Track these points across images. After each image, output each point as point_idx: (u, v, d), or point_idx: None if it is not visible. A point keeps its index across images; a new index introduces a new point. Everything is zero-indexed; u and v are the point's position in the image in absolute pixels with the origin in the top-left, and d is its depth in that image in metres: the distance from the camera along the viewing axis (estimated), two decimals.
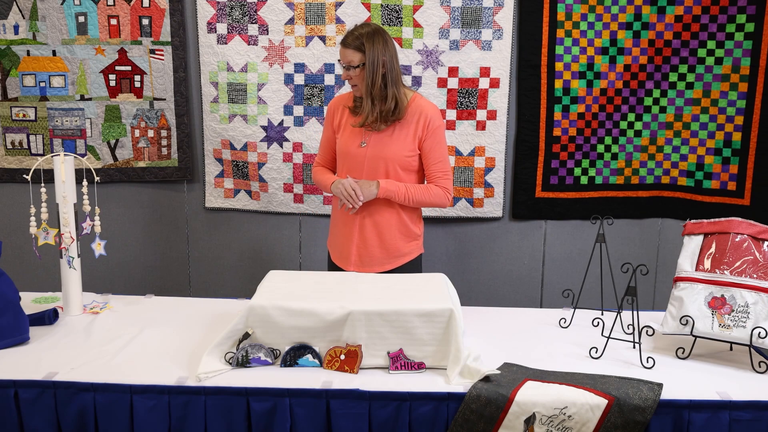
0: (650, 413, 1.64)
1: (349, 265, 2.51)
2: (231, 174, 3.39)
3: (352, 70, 2.37)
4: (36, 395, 1.73)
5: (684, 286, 1.98)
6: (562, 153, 3.33)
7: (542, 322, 2.24)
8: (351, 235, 2.50)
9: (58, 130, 3.32)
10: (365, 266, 2.49)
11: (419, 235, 2.58)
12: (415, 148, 2.43)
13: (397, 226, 2.49)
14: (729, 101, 3.18)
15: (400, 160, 2.42)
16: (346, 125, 2.50)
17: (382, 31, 2.40)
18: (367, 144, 2.44)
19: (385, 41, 2.38)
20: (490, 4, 3.17)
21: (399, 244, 2.50)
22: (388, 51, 2.38)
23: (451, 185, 2.48)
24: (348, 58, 2.37)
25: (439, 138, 2.45)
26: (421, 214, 2.60)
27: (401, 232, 2.50)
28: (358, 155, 2.45)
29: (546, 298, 3.49)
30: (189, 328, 2.12)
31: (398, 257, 2.51)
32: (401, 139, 2.42)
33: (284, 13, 3.19)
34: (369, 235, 2.48)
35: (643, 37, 3.22)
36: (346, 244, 2.52)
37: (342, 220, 2.52)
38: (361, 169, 2.45)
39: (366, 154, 2.44)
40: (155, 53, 3.26)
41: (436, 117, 2.44)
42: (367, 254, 2.49)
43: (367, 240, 2.48)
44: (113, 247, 3.22)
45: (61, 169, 2.18)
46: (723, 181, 3.25)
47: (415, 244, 2.56)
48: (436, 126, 2.43)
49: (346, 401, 1.70)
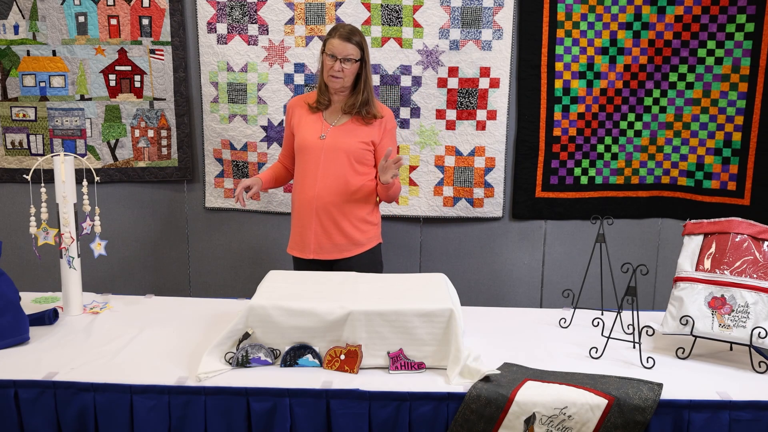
0: (650, 413, 1.64)
1: (309, 252, 2.62)
2: (231, 174, 3.39)
3: (347, 63, 2.51)
4: (36, 395, 1.73)
5: (684, 286, 1.98)
6: (562, 153, 3.33)
7: (542, 322, 2.25)
8: (310, 225, 2.60)
9: (58, 130, 3.32)
10: (323, 254, 2.60)
11: (376, 225, 2.70)
12: (369, 143, 2.59)
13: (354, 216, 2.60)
14: (729, 101, 3.18)
15: (356, 152, 2.56)
16: (305, 121, 2.64)
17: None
18: (325, 137, 2.57)
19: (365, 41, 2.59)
20: (490, 4, 3.17)
21: (355, 233, 2.61)
22: (366, 50, 2.57)
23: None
24: (348, 52, 2.50)
25: (393, 137, 2.69)
26: (377, 206, 2.71)
27: (358, 221, 2.61)
28: (316, 147, 2.57)
29: (546, 298, 3.49)
30: (189, 328, 2.12)
31: (355, 246, 2.62)
32: (358, 133, 2.58)
33: (284, 13, 3.19)
34: (326, 224, 2.58)
35: (643, 37, 3.22)
36: (306, 233, 2.62)
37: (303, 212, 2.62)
38: (318, 161, 2.57)
39: (323, 146, 2.56)
40: (155, 53, 3.26)
41: (391, 118, 2.67)
42: (327, 242, 2.60)
43: (326, 228, 2.58)
44: (113, 247, 3.21)
45: (61, 169, 2.18)
46: (723, 181, 3.25)
47: (372, 233, 2.67)
48: (392, 126, 2.68)
49: (346, 401, 1.70)
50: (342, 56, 2.50)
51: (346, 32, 2.52)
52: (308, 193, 2.59)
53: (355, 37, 2.52)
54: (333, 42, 2.51)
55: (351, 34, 2.52)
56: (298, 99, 2.73)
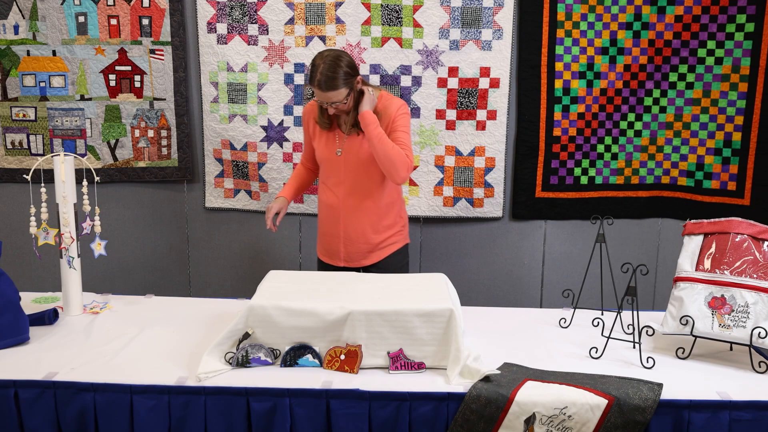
0: (650, 413, 1.64)
1: (339, 260, 2.62)
2: (231, 174, 3.39)
3: (340, 104, 2.39)
4: (36, 395, 1.73)
5: (684, 286, 1.98)
6: (562, 153, 3.32)
7: (542, 322, 2.25)
8: (337, 231, 2.58)
9: (58, 130, 3.32)
10: (352, 260, 2.60)
11: (404, 227, 2.67)
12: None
13: (380, 220, 2.57)
14: (729, 101, 3.18)
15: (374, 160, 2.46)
16: (321, 134, 2.58)
17: (341, 55, 2.38)
18: (341, 152, 2.53)
19: (348, 61, 2.38)
20: (490, 4, 3.17)
21: (383, 236, 2.59)
22: (354, 72, 2.40)
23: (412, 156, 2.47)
24: (333, 99, 2.37)
25: (403, 122, 2.48)
26: (404, 206, 2.69)
27: (385, 225, 2.58)
28: (336, 161, 2.54)
29: (546, 298, 3.49)
30: (189, 328, 2.12)
31: (384, 248, 2.59)
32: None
33: (284, 13, 3.18)
34: (353, 231, 2.56)
35: (643, 37, 3.22)
36: (334, 240, 2.61)
37: (330, 218, 2.60)
38: (339, 173, 2.54)
39: (341, 161, 2.53)
40: (155, 53, 3.26)
41: (400, 106, 2.49)
42: (354, 249, 2.58)
43: (352, 235, 2.57)
44: (113, 247, 3.21)
45: (61, 169, 2.18)
46: (723, 181, 3.25)
47: (401, 235, 2.65)
48: (400, 113, 2.48)
49: (346, 401, 1.70)
50: (328, 103, 2.39)
51: (324, 82, 2.33)
52: (333, 203, 2.57)
53: (333, 83, 2.33)
54: (315, 90, 2.38)
55: (328, 83, 2.33)
56: (310, 107, 2.62)
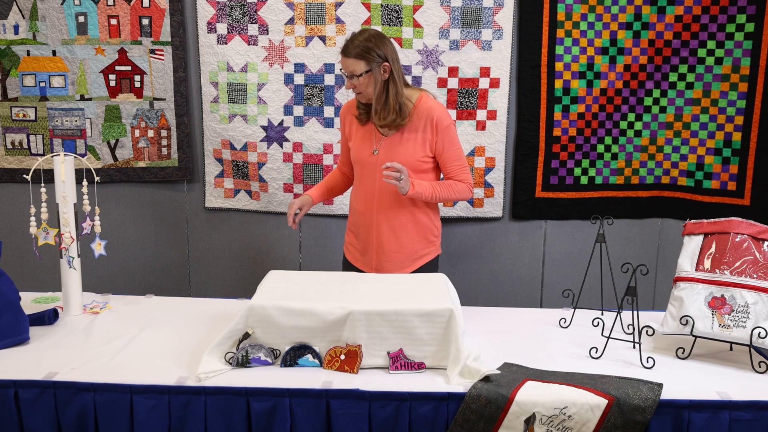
0: (650, 413, 1.64)
1: (370, 269, 2.54)
2: (231, 174, 3.39)
3: (356, 79, 2.35)
4: (36, 395, 1.73)
5: (684, 286, 1.98)
6: (562, 153, 3.33)
7: (542, 322, 2.24)
8: (370, 240, 2.52)
9: (58, 130, 3.32)
10: (384, 269, 2.51)
11: (437, 237, 2.58)
12: (426, 151, 2.43)
13: (414, 229, 2.50)
14: (729, 101, 3.18)
15: (412, 164, 2.41)
16: (357, 132, 2.51)
17: (381, 35, 2.37)
18: (378, 151, 2.44)
19: (385, 45, 2.35)
20: (490, 4, 3.17)
21: (416, 247, 2.51)
22: (389, 55, 2.35)
23: (470, 177, 2.48)
24: (350, 68, 2.34)
25: (451, 137, 2.43)
26: (438, 216, 2.59)
27: (419, 235, 2.51)
28: (371, 162, 2.47)
29: (546, 298, 3.49)
30: (189, 328, 2.12)
31: (416, 260, 2.52)
32: (411, 143, 2.42)
33: (284, 13, 3.18)
34: (386, 240, 2.49)
35: (643, 37, 3.22)
36: (366, 249, 2.54)
37: (362, 225, 2.53)
38: (374, 174, 2.46)
39: (378, 161, 2.44)
40: (155, 53, 3.26)
41: (444, 117, 2.42)
42: (387, 259, 2.51)
43: (385, 245, 2.50)
44: (113, 247, 3.22)
45: (61, 169, 2.18)
46: (723, 181, 3.25)
47: (433, 246, 2.57)
48: (445, 126, 2.41)
49: (346, 401, 1.70)
50: (348, 72, 2.35)
51: (346, 44, 2.34)
52: (367, 208, 2.50)
53: (351, 48, 2.32)
54: (341, 58, 2.36)
55: (348, 46, 2.32)
56: (348, 107, 2.56)
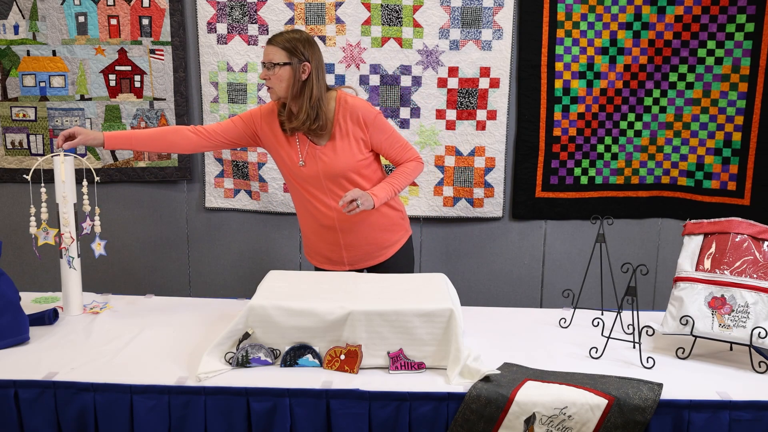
0: (650, 413, 1.64)
1: (343, 266, 2.50)
2: (231, 174, 3.39)
3: (272, 69, 2.25)
4: (36, 395, 1.73)
5: (684, 286, 1.98)
6: (562, 153, 3.33)
7: (542, 322, 2.24)
8: (336, 239, 2.46)
9: (58, 130, 3.32)
10: (357, 264, 2.49)
11: (404, 219, 2.55)
12: (363, 151, 2.36)
13: (378, 222, 2.45)
14: (729, 101, 3.18)
15: (354, 166, 2.35)
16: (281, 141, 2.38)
17: (312, 41, 2.30)
18: (305, 163, 2.35)
19: (312, 49, 2.28)
20: (490, 4, 3.17)
21: (386, 236, 2.49)
22: (313, 58, 2.27)
23: (415, 151, 2.44)
24: (270, 56, 2.25)
25: (382, 126, 2.36)
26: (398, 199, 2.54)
27: (384, 228, 2.48)
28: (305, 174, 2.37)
29: (546, 298, 3.49)
30: (189, 328, 2.12)
31: (388, 247, 2.50)
32: (348, 148, 2.34)
33: (284, 13, 3.18)
34: (353, 237, 2.45)
35: (643, 37, 3.22)
36: (334, 249, 2.48)
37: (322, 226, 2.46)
38: (318, 183, 2.38)
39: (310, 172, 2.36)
40: (155, 53, 3.26)
41: (368, 110, 2.33)
42: (359, 253, 2.48)
43: (353, 242, 2.46)
44: (113, 247, 3.22)
45: (61, 169, 2.18)
46: (723, 181, 3.25)
47: (402, 229, 2.54)
48: (372, 119, 2.33)
49: (346, 401, 1.70)
50: (266, 60, 2.25)
51: (274, 35, 2.26)
52: (323, 220, 2.42)
53: (281, 40, 2.24)
54: (264, 47, 2.27)
55: (276, 36, 2.25)
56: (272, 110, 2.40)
